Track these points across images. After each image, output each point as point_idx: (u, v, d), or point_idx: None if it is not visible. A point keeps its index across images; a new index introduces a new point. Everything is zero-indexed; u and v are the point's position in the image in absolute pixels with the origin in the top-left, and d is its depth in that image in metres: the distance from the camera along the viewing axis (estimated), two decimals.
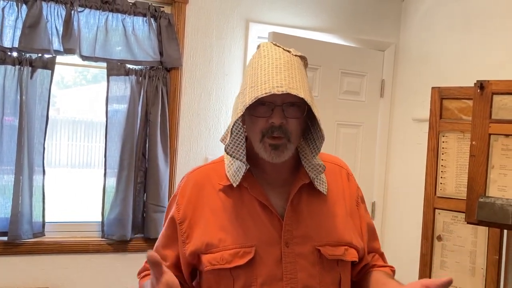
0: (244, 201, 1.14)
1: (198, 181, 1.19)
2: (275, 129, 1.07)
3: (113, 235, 2.57)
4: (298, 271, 1.09)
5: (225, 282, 1.11)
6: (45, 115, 2.47)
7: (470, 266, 2.02)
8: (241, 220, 1.12)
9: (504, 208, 1.70)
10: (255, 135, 1.10)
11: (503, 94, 1.75)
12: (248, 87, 1.07)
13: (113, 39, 2.56)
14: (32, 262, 2.48)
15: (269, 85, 1.03)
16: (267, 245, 1.10)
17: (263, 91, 1.03)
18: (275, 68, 1.06)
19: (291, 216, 1.13)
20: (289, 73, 1.06)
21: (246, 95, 1.06)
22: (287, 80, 1.04)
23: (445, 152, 2.10)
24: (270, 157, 1.10)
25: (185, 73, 2.72)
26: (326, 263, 1.12)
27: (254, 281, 1.08)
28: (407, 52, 3.13)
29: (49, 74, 2.46)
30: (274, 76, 1.04)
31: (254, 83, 1.06)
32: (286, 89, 1.02)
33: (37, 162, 2.47)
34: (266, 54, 1.11)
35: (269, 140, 1.08)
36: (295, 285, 1.09)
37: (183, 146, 2.73)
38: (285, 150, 1.09)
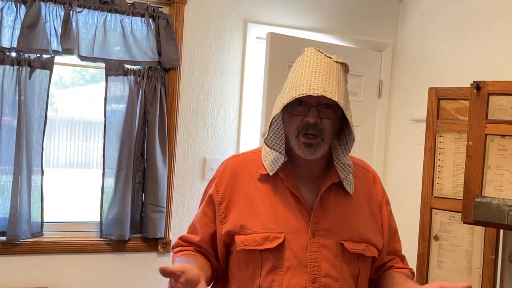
0: (278, 190, 1.24)
1: (236, 167, 1.30)
2: (309, 127, 1.17)
3: (112, 235, 2.58)
4: (322, 260, 1.18)
5: (254, 263, 1.20)
6: (43, 115, 2.48)
7: (467, 265, 2.03)
8: (273, 207, 1.22)
9: (501, 208, 1.71)
10: (292, 132, 1.21)
11: (499, 94, 1.76)
12: (289, 87, 1.18)
13: (111, 40, 2.56)
14: (31, 262, 2.48)
15: (306, 87, 1.14)
16: (296, 232, 1.20)
17: (300, 92, 1.14)
18: (314, 72, 1.17)
19: (319, 209, 1.22)
20: (327, 77, 1.16)
21: (286, 94, 1.17)
22: (324, 84, 1.15)
23: (442, 152, 2.11)
24: (304, 153, 1.20)
25: (184, 73, 2.72)
26: (347, 257, 1.21)
27: (281, 264, 1.18)
28: (404, 53, 3.14)
29: (48, 74, 2.46)
30: (313, 80, 1.15)
31: (294, 84, 1.17)
32: (321, 92, 1.13)
33: (36, 162, 2.48)
34: (309, 59, 1.21)
35: (303, 139, 1.19)
36: (318, 272, 1.18)
37: (182, 146, 2.74)
38: (318, 148, 1.20)
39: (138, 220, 2.64)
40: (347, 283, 1.20)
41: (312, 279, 1.16)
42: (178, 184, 2.73)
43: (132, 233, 2.63)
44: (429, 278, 2.13)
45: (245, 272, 1.22)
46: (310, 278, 1.16)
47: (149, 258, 2.67)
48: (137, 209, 2.64)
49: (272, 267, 1.18)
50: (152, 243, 2.64)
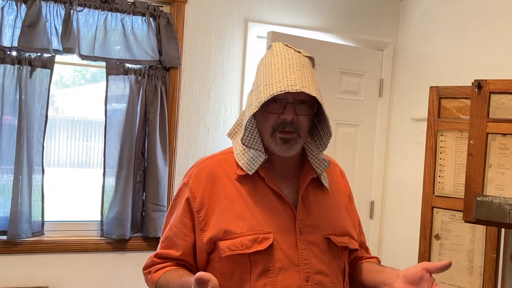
0: (259, 190, 1.20)
1: (211, 170, 1.24)
2: (286, 124, 1.15)
3: (112, 234, 2.58)
4: (312, 257, 1.16)
5: (242, 268, 1.14)
6: (44, 115, 2.48)
7: (468, 264, 2.03)
8: (257, 208, 1.18)
9: (502, 207, 1.71)
10: (267, 130, 1.17)
11: (501, 93, 1.76)
12: (262, 84, 1.14)
13: (112, 39, 2.56)
14: (31, 261, 2.48)
15: (283, 83, 1.10)
16: (283, 232, 1.16)
17: (278, 88, 1.10)
18: (288, 68, 1.13)
19: (302, 206, 1.20)
20: (301, 72, 1.13)
21: (261, 92, 1.13)
22: (300, 80, 1.11)
23: (443, 151, 2.11)
24: (281, 150, 1.17)
25: (184, 72, 2.72)
26: (334, 251, 1.20)
27: (273, 266, 1.13)
28: (405, 52, 3.14)
29: (48, 73, 2.46)
30: (288, 75, 1.11)
31: (268, 81, 1.13)
32: (300, 87, 1.09)
33: (36, 161, 2.48)
34: (279, 54, 1.17)
35: (280, 134, 1.15)
36: (310, 270, 1.15)
37: (182, 145, 2.74)
38: (295, 144, 1.17)
39: (138, 219, 2.64)
40: (337, 277, 1.19)
41: (306, 277, 1.13)
42: (178, 183, 2.72)
43: (133, 232, 2.63)
44: None
45: (231, 279, 1.15)
46: (304, 276, 1.13)
47: None
48: (137, 208, 2.64)
49: (263, 270, 1.13)
50: (152, 242, 2.64)
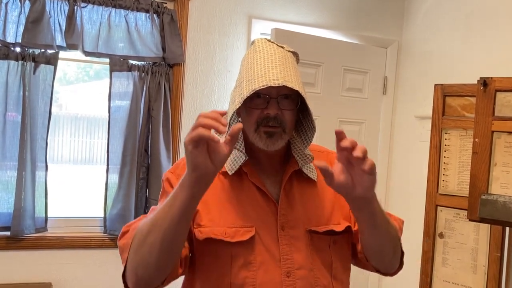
0: (243, 186, 1.18)
1: None
2: (270, 119, 1.12)
3: (115, 230, 2.58)
4: (294, 252, 1.14)
5: (222, 260, 1.13)
6: (47, 111, 2.48)
7: (472, 263, 2.02)
8: (240, 202, 1.17)
9: (507, 205, 1.70)
10: (251, 126, 1.15)
11: (507, 91, 1.75)
12: (245, 80, 1.12)
13: (116, 35, 2.56)
14: (35, 257, 2.49)
15: (265, 78, 1.08)
16: (265, 227, 1.15)
17: (260, 83, 1.08)
18: (270, 63, 1.12)
19: (285, 201, 1.18)
20: (284, 67, 1.12)
21: (244, 88, 1.11)
22: (283, 74, 1.10)
23: (448, 150, 2.09)
24: (266, 145, 1.14)
25: (188, 69, 2.72)
26: (317, 245, 1.17)
27: (254, 259, 1.12)
28: (409, 49, 3.12)
29: (52, 69, 2.46)
30: (270, 70, 1.10)
31: (250, 76, 1.11)
32: (282, 82, 1.08)
33: (40, 158, 2.48)
34: (261, 50, 1.16)
35: (264, 128, 1.13)
36: (291, 265, 1.13)
37: None
38: (280, 139, 1.14)
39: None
40: (321, 272, 1.16)
41: (286, 272, 1.12)
42: None
43: None
44: (434, 276, 2.12)
45: (210, 272, 1.14)
46: (284, 272, 1.12)
47: None
48: (141, 205, 2.63)
49: (243, 263, 1.12)
50: None
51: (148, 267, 1.03)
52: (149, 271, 1.04)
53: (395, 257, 1.21)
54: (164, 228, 0.99)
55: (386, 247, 1.16)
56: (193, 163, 0.93)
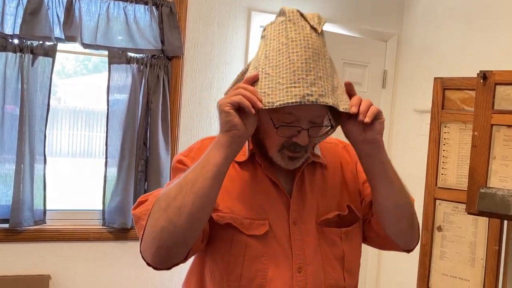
0: (257, 177, 1.17)
1: None
2: (297, 147, 1.09)
3: (114, 223, 2.58)
4: (305, 247, 1.13)
5: (236, 251, 1.11)
6: (46, 103, 2.47)
7: (470, 256, 2.03)
8: (254, 193, 1.15)
9: (505, 199, 1.70)
10: (274, 145, 1.11)
11: (506, 84, 1.74)
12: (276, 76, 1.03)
13: (114, 27, 2.55)
14: (33, 249, 2.49)
15: (299, 90, 1.00)
16: (278, 220, 1.14)
17: (291, 97, 1.00)
18: (305, 64, 1.02)
19: (297, 196, 1.17)
20: (316, 71, 1.02)
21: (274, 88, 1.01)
22: (317, 86, 1.01)
23: (447, 143, 2.09)
24: (287, 165, 1.13)
25: (187, 62, 2.71)
26: (329, 239, 1.16)
27: (266, 253, 1.11)
28: (409, 43, 3.11)
29: (50, 61, 2.45)
30: (304, 77, 1.01)
31: (284, 75, 1.02)
32: (316, 98, 1.00)
33: (38, 150, 2.48)
34: (295, 38, 1.05)
35: (289, 153, 1.10)
36: (303, 260, 1.12)
37: (184, 135, 2.73)
38: (301, 159, 1.13)
39: None
40: (332, 266, 1.15)
41: (298, 268, 1.11)
42: None
43: None
44: (432, 269, 2.12)
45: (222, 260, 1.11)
46: (296, 267, 1.11)
47: None
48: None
49: (256, 255, 1.10)
50: None
51: (174, 232, 0.98)
52: (173, 238, 0.99)
53: (413, 226, 1.20)
54: (195, 190, 0.98)
55: (403, 210, 1.15)
56: (230, 123, 0.99)
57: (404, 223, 1.17)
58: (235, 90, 1.02)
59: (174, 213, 0.98)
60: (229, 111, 0.99)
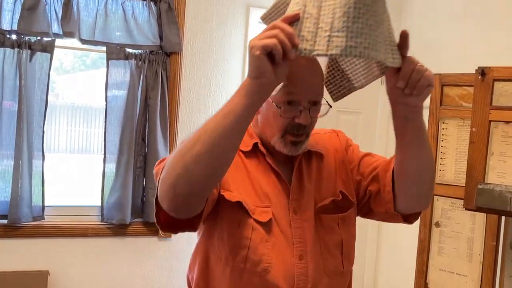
0: (260, 166, 1.19)
1: None
2: (300, 128, 1.13)
3: (113, 219, 2.58)
4: (306, 235, 1.15)
5: (243, 233, 1.12)
6: (44, 99, 2.47)
7: (468, 252, 2.04)
8: (258, 182, 1.17)
9: (503, 194, 1.70)
10: (276, 130, 1.14)
11: (505, 80, 1.75)
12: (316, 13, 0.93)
13: (112, 23, 2.54)
14: (32, 245, 2.49)
15: (341, 41, 0.90)
16: (280, 208, 1.16)
17: (332, 48, 0.90)
18: (353, 9, 0.91)
19: (296, 185, 1.19)
20: (367, 17, 0.92)
21: (314, 34, 0.92)
22: (364, 37, 0.92)
23: (445, 139, 2.10)
24: (289, 151, 1.16)
25: (185, 58, 2.70)
26: (327, 225, 1.19)
27: (269, 239, 1.12)
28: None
29: (48, 57, 2.45)
30: (350, 25, 0.91)
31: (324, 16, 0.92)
32: (360, 51, 0.91)
33: (37, 146, 2.47)
34: None
35: (291, 137, 1.13)
36: (304, 248, 1.14)
37: (183, 131, 2.73)
38: (303, 145, 1.16)
39: (139, 204, 2.65)
40: (331, 253, 1.17)
41: (299, 255, 1.13)
42: None
43: (133, 218, 2.63)
44: (430, 264, 2.13)
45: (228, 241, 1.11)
46: (297, 254, 1.13)
47: (150, 243, 2.68)
48: (138, 194, 2.64)
49: (262, 240, 1.11)
50: (153, 227, 2.65)
51: (191, 179, 0.94)
52: (191, 185, 0.95)
53: (432, 189, 1.20)
54: (216, 136, 0.93)
55: (428, 173, 1.14)
56: (260, 69, 0.90)
57: (425, 186, 1.16)
58: (271, 29, 0.90)
59: (192, 160, 0.94)
60: (260, 56, 0.89)
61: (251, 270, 1.11)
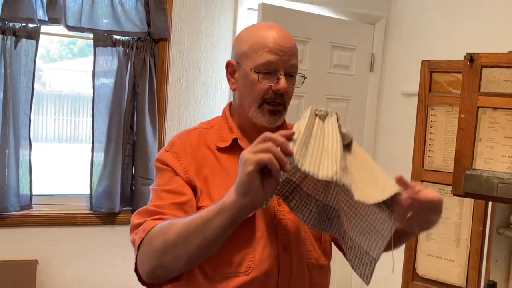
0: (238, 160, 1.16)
1: (193, 140, 1.20)
2: (278, 96, 1.14)
3: (102, 207, 2.57)
4: (289, 227, 1.15)
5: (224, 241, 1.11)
6: (30, 87, 2.43)
7: (455, 237, 2.06)
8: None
9: (490, 180, 1.72)
10: (254, 100, 1.15)
11: (493, 67, 1.75)
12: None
13: (99, 9, 2.50)
14: (20, 235, 2.47)
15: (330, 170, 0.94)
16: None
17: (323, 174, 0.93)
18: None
19: None
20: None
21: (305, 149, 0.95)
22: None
23: (434, 126, 2.11)
24: (268, 122, 1.15)
25: (173, 44, 2.67)
26: None
27: (253, 235, 1.12)
28: (397, 26, 3.11)
29: (34, 44, 2.40)
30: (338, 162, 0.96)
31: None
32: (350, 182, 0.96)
33: (24, 135, 2.44)
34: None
35: (268, 106, 1.14)
36: (288, 239, 1.15)
37: (172, 119, 2.71)
38: (281, 116, 1.18)
39: (128, 193, 2.63)
40: (312, 246, 1.18)
41: (283, 246, 1.13)
42: None
43: (122, 206, 2.62)
44: (418, 250, 2.15)
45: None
46: (281, 245, 1.13)
47: None
48: (127, 182, 2.62)
49: (244, 239, 1.10)
50: None
51: (169, 272, 1.03)
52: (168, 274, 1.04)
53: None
54: (194, 246, 0.97)
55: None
56: (249, 186, 0.90)
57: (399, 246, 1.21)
58: (264, 142, 0.91)
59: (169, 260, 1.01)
60: (253, 172, 0.89)
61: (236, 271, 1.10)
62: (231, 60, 1.21)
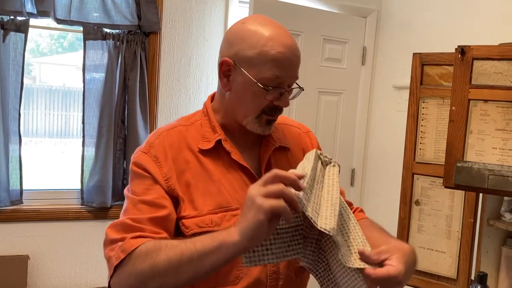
0: (224, 164, 1.12)
1: (173, 141, 1.12)
2: (277, 110, 1.11)
3: (93, 202, 2.55)
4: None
5: None
6: (19, 81, 2.40)
7: (446, 229, 2.07)
8: (223, 183, 1.10)
9: (481, 172, 1.73)
10: (252, 111, 1.10)
11: (484, 59, 1.75)
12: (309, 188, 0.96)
13: (89, 2, 2.48)
14: (11, 230, 2.45)
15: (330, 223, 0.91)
16: None
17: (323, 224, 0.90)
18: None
19: None
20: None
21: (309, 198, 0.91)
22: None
23: (425, 118, 2.11)
24: (263, 131, 1.13)
25: (164, 38, 2.65)
26: None
27: None
28: (389, 19, 3.11)
29: (23, 37, 2.38)
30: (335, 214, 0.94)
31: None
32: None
33: (13, 130, 2.42)
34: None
35: (267, 117, 1.11)
36: None
37: (163, 113, 2.69)
38: (274, 123, 1.15)
39: (119, 187, 2.62)
40: None
41: None
42: None
43: (114, 201, 2.61)
44: (409, 242, 2.16)
45: None
46: None
47: None
48: (118, 177, 2.61)
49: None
50: None
51: None
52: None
53: None
54: (186, 277, 0.92)
55: None
56: (256, 233, 0.86)
57: None
58: (274, 181, 0.87)
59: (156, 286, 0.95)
60: (264, 221, 0.84)
61: (224, 281, 1.07)
62: (227, 58, 1.09)
